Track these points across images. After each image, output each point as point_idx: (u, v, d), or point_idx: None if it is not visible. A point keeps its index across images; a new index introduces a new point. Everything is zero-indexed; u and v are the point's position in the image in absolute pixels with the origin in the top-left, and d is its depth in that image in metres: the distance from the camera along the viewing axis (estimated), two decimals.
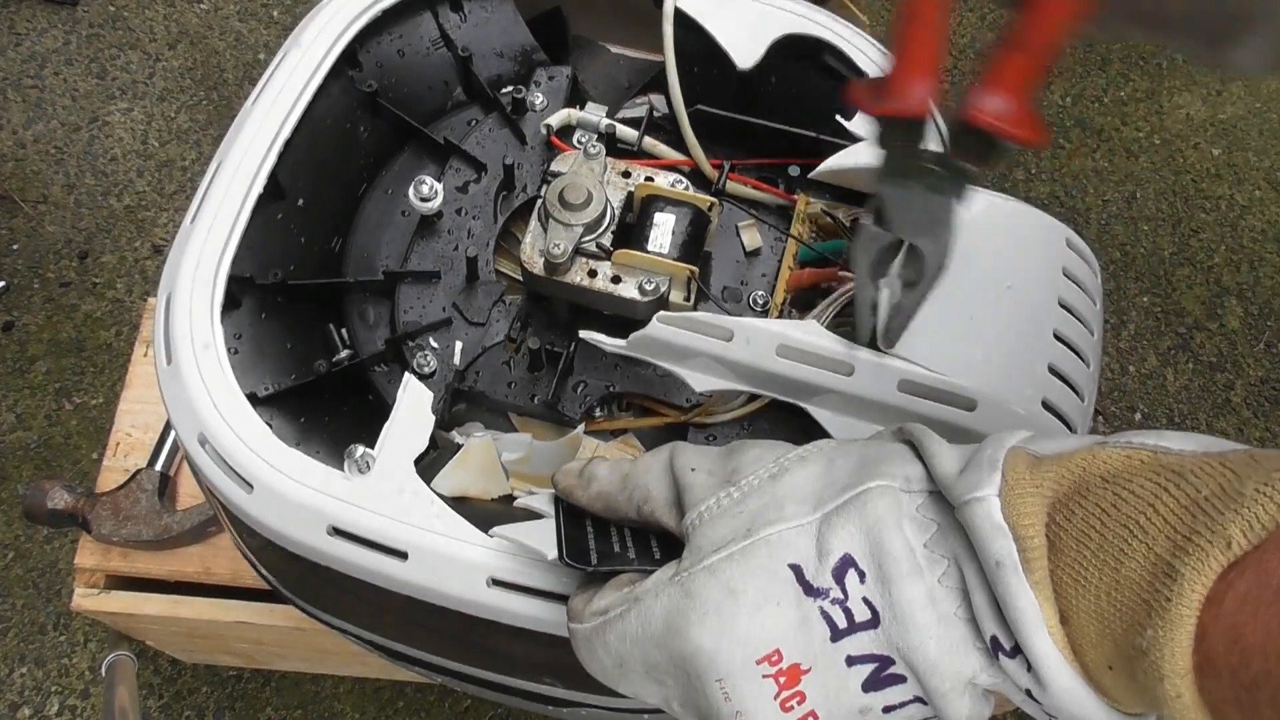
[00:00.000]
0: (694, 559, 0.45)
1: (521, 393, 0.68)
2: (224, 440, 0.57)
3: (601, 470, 0.52)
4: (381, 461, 0.58)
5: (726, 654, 0.43)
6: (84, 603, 1.10)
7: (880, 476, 0.44)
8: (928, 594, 0.41)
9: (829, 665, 0.42)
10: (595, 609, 0.48)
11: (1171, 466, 0.38)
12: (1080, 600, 0.38)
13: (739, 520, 0.45)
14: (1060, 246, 0.67)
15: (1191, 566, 0.34)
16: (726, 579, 0.43)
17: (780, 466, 0.47)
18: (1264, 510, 0.34)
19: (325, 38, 0.71)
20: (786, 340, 0.60)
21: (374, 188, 0.75)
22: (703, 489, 0.47)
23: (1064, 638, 0.38)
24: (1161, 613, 0.35)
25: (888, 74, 0.57)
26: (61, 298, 1.65)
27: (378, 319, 0.70)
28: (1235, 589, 0.34)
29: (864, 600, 0.42)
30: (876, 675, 0.42)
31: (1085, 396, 0.65)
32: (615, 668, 0.47)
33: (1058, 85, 1.97)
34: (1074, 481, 0.40)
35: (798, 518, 0.44)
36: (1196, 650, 0.34)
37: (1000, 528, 0.39)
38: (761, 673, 0.42)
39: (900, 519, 0.43)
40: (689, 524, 0.46)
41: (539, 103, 0.76)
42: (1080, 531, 0.38)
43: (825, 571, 0.42)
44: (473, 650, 0.66)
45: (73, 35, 1.86)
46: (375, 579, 0.58)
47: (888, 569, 0.41)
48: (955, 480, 0.42)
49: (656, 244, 0.67)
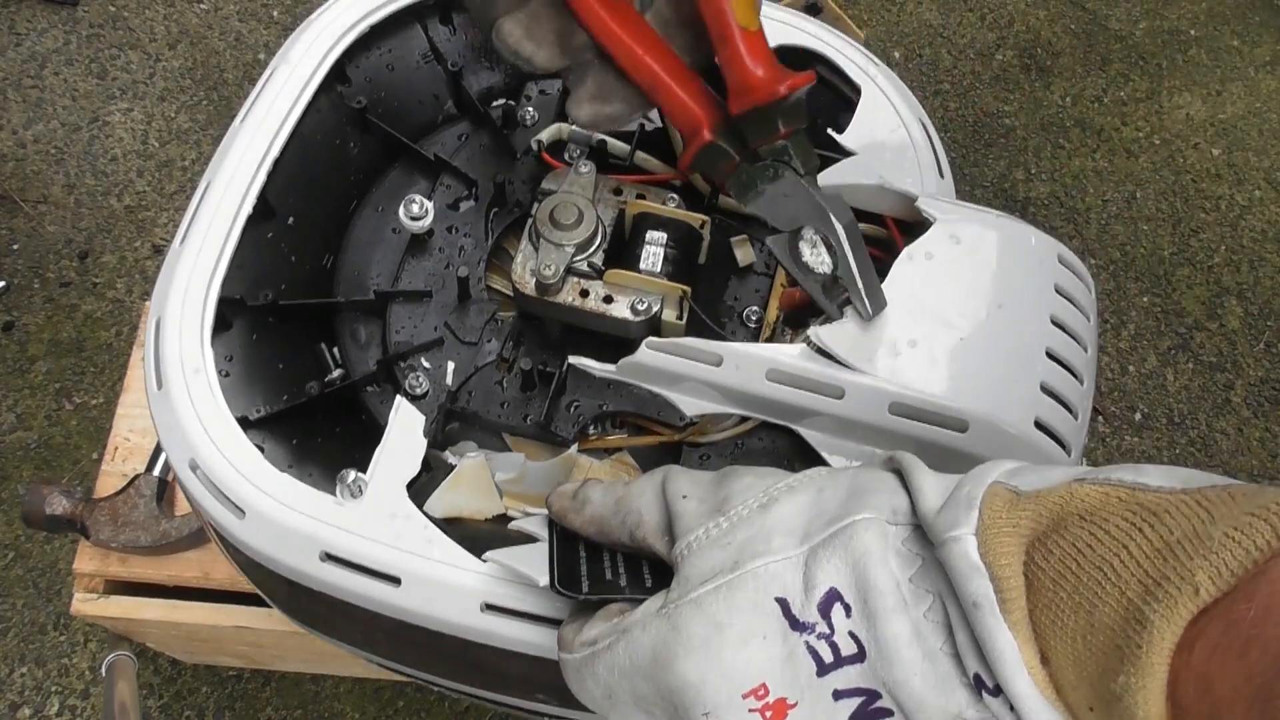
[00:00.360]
0: (681, 590, 0.45)
1: (514, 412, 0.68)
2: (215, 466, 0.58)
3: (595, 494, 0.52)
4: (373, 486, 0.59)
5: (713, 688, 0.43)
6: (83, 607, 1.10)
7: (867, 509, 0.44)
8: (913, 629, 0.41)
9: (816, 699, 0.42)
10: (584, 639, 0.48)
11: (1147, 505, 0.38)
12: (1058, 642, 0.38)
13: (727, 552, 0.45)
14: (1051, 262, 0.67)
15: (1160, 614, 0.34)
16: (713, 612, 0.44)
17: (770, 496, 0.47)
18: (1231, 556, 0.34)
19: (314, 53, 0.71)
20: (776, 365, 0.60)
21: (364, 205, 0.74)
22: (692, 517, 0.47)
23: (1045, 678, 0.38)
24: (1134, 659, 0.35)
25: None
26: (61, 298, 1.66)
27: (369, 338, 0.70)
28: (1206, 637, 0.34)
29: (850, 634, 0.42)
30: (864, 709, 0.42)
31: (1079, 414, 0.65)
32: (605, 698, 0.47)
33: (1058, 85, 1.96)
34: (1052, 518, 0.40)
35: (785, 550, 0.44)
36: (1169, 697, 0.35)
37: (977, 567, 0.39)
38: (748, 706, 0.42)
39: (886, 553, 0.43)
40: (679, 553, 0.46)
41: (529, 117, 0.76)
42: (1057, 572, 0.38)
43: (811, 605, 0.43)
44: (466, 671, 0.66)
45: (73, 35, 1.85)
46: (368, 604, 0.58)
47: (873, 604, 0.42)
48: (935, 518, 0.42)
49: (648, 263, 0.67)
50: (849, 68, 0.75)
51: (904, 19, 2.03)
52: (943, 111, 1.92)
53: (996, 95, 1.95)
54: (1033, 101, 1.95)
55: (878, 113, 0.73)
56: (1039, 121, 1.93)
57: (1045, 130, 1.92)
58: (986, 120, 1.93)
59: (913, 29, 2.02)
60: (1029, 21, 2.04)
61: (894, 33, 2.01)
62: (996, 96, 1.95)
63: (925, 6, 2.04)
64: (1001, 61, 1.99)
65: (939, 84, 1.96)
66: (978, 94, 1.96)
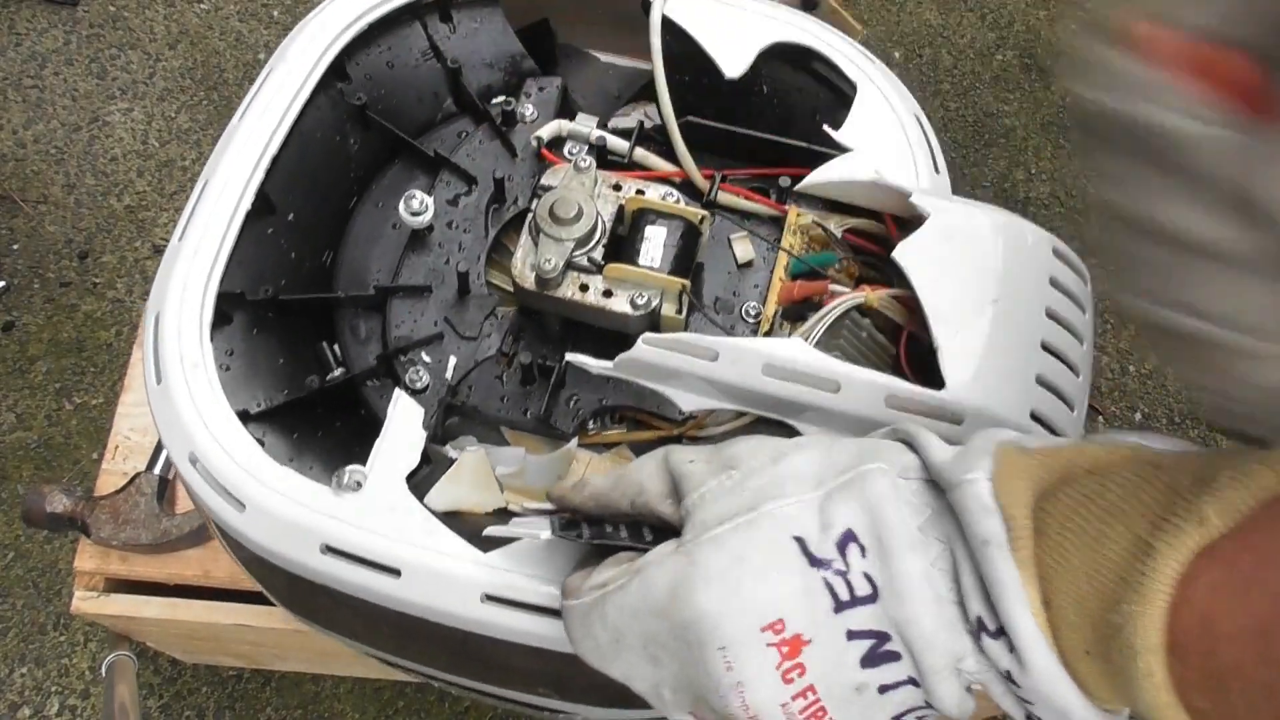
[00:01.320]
0: (697, 532, 0.45)
1: (514, 407, 0.68)
2: (215, 460, 0.58)
3: (595, 477, 0.53)
4: (374, 479, 0.59)
5: (731, 620, 0.43)
6: (83, 606, 1.10)
7: (879, 461, 0.45)
8: (925, 570, 0.42)
9: (830, 638, 0.42)
10: (594, 583, 0.48)
11: (1153, 460, 0.40)
12: (1061, 583, 0.39)
13: (741, 497, 0.45)
14: (1047, 256, 0.67)
15: (1166, 542, 0.36)
16: (732, 547, 0.44)
17: (780, 451, 0.47)
18: (1236, 494, 0.35)
19: (313, 50, 0.71)
20: (772, 360, 0.60)
21: (364, 201, 0.75)
22: (702, 474, 0.47)
23: (1045, 620, 0.39)
24: (1137, 587, 0.36)
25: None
26: (61, 298, 1.66)
27: (369, 334, 0.70)
28: (1209, 575, 0.35)
29: (864, 574, 0.43)
30: (874, 651, 0.42)
31: (1075, 407, 0.65)
32: (611, 643, 0.47)
33: (1058, 85, 1.97)
34: (1061, 472, 0.41)
35: (800, 493, 0.45)
36: (1169, 629, 0.35)
37: (989, 508, 0.41)
38: (765, 641, 0.42)
39: (898, 500, 0.44)
40: (690, 504, 0.47)
41: (529, 114, 0.76)
42: (1065, 517, 0.39)
43: (829, 543, 0.43)
44: (467, 663, 0.67)
45: (73, 35, 1.86)
46: (369, 596, 0.59)
47: (888, 542, 0.42)
48: (948, 465, 0.43)
49: (648, 258, 0.67)
50: (845, 65, 0.75)
51: (904, 19, 2.03)
52: (943, 111, 1.92)
53: (996, 95, 1.96)
54: (1033, 101, 1.95)
55: (874, 109, 0.74)
56: (1039, 121, 1.93)
57: (1045, 130, 1.93)
58: (986, 120, 1.93)
59: (913, 29, 2.02)
60: (1029, 21, 2.04)
61: (894, 33, 2.01)
62: (996, 96, 1.95)
63: (925, 6, 2.04)
64: (1001, 61, 2.00)
65: (939, 84, 1.96)
66: (978, 94, 1.96)
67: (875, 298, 0.66)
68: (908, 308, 0.66)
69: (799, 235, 0.72)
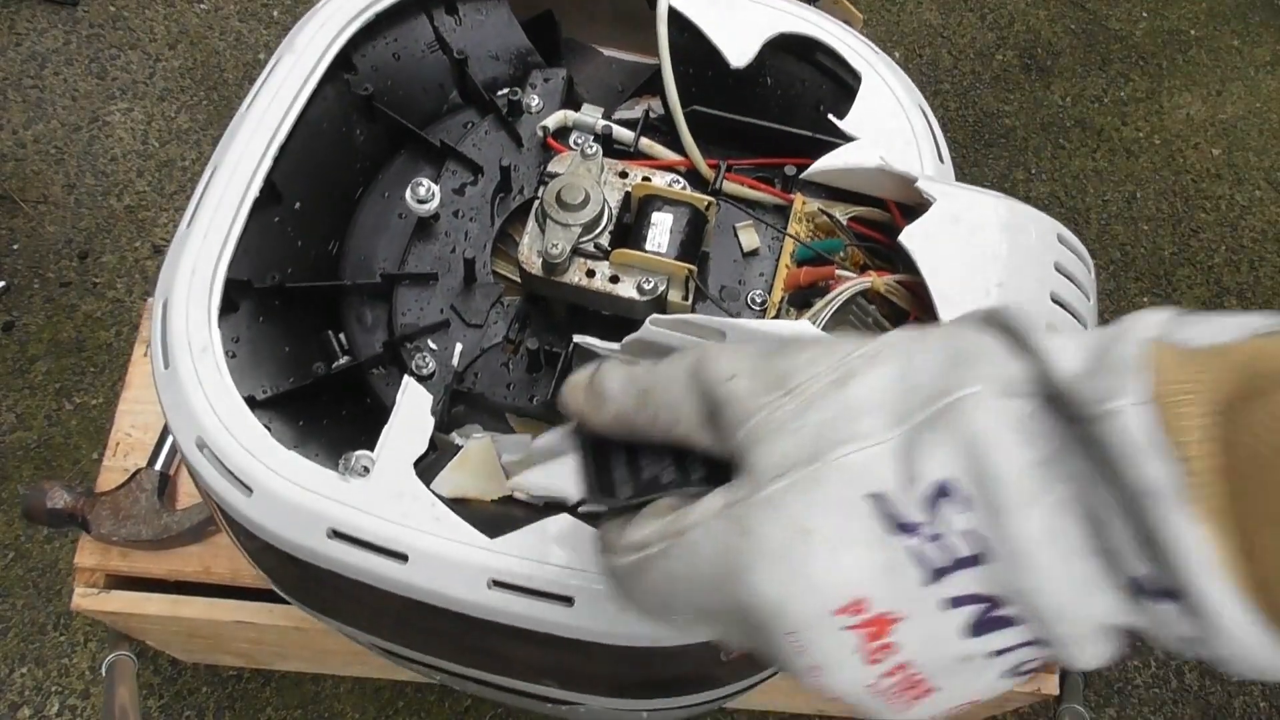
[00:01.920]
0: (751, 487, 0.37)
1: (520, 394, 0.68)
2: (222, 444, 0.58)
3: (613, 384, 0.44)
4: (381, 464, 0.59)
5: (798, 606, 0.35)
6: (84, 602, 1.10)
7: (976, 380, 0.35)
8: (1047, 526, 0.33)
9: (924, 612, 0.35)
10: (631, 541, 0.40)
11: None
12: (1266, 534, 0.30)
13: (801, 437, 0.36)
14: (1051, 241, 0.67)
15: None
16: (793, 514, 0.36)
17: (846, 368, 0.38)
18: None
19: (319, 41, 0.71)
20: (780, 339, 0.60)
21: (370, 191, 0.75)
22: (748, 398, 0.38)
23: (1246, 578, 0.30)
24: None
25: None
26: (61, 298, 1.66)
27: (375, 322, 0.70)
28: None
29: (964, 534, 0.34)
30: (982, 618, 0.35)
31: None
32: (660, 608, 0.40)
33: (1058, 85, 1.97)
34: (1242, 381, 0.31)
35: (875, 434, 0.36)
36: None
37: (1150, 447, 0.31)
38: (840, 625, 0.35)
39: (1006, 435, 0.34)
40: (740, 443, 0.38)
41: (535, 105, 0.76)
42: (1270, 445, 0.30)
43: (914, 502, 0.35)
44: (472, 652, 0.66)
45: (73, 35, 1.86)
46: (375, 581, 0.58)
47: (997, 497, 0.34)
48: (1082, 382, 0.33)
49: (654, 243, 0.67)
50: (850, 55, 0.76)
51: (904, 19, 2.04)
52: (943, 111, 1.93)
53: (996, 95, 1.96)
54: (1033, 101, 1.96)
55: (878, 99, 0.74)
56: (1039, 121, 1.94)
57: (1045, 130, 1.93)
58: (986, 120, 1.93)
59: (913, 29, 2.03)
60: (1029, 21, 2.05)
61: (894, 33, 2.01)
62: (996, 96, 1.96)
63: (925, 6, 2.05)
64: (1001, 61, 2.00)
65: (939, 84, 1.97)
66: (978, 94, 1.96)
67: (882, 283, 0.66)
68: (914, 293, 0.66)
69: (805, 223, 0.72)
